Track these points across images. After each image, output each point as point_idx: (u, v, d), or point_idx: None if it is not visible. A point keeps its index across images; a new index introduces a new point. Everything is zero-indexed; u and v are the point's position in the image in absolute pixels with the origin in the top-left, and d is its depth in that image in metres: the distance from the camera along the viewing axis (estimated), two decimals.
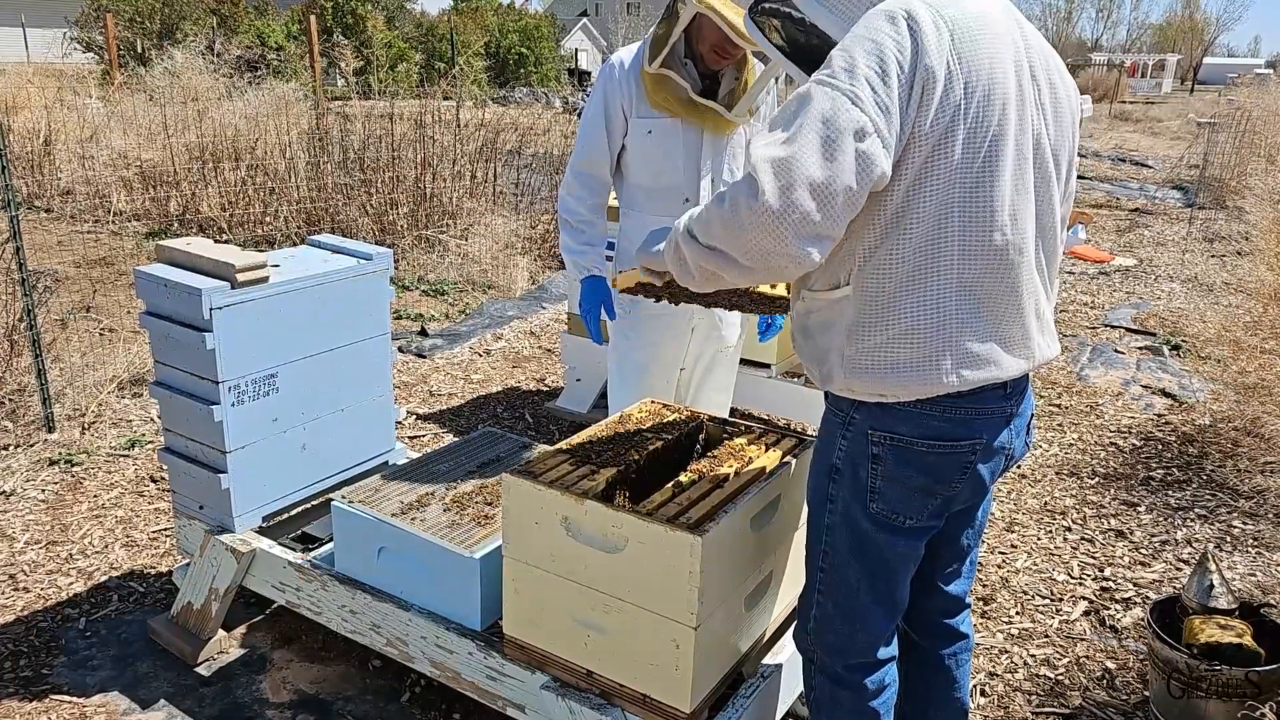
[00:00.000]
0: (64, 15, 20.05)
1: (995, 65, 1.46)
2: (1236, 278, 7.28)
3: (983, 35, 1.46)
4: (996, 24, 1.50)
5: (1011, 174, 1.49)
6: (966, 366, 1.51)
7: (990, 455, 1.62)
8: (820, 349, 1.63)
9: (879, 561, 1.67)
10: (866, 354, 1.54)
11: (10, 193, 3.91)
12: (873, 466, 1.59)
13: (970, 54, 1.44)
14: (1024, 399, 1.66)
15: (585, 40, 46.25)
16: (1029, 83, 1.52)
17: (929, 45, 1.41)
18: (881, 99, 1.38)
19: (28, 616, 2.86)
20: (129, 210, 8.23)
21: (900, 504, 1.60)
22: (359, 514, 2.33)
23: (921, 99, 1.41)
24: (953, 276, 1.48)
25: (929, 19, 1.42)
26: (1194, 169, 12.27)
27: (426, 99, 8.74)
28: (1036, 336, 1.59)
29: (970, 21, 1.46)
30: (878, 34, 1.41)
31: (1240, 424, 4.38)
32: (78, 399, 4.27)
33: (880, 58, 1.39)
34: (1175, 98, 34.52)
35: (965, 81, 1.43)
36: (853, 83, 1.38)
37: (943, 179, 1.45)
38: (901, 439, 1.56)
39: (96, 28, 17.67)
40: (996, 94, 1.46)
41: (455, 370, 5.16)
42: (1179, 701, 2.30)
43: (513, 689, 2.10)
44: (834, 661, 1.76)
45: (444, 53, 22.24)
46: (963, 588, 1.91)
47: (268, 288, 2.47)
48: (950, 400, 1.54)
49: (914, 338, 1.50)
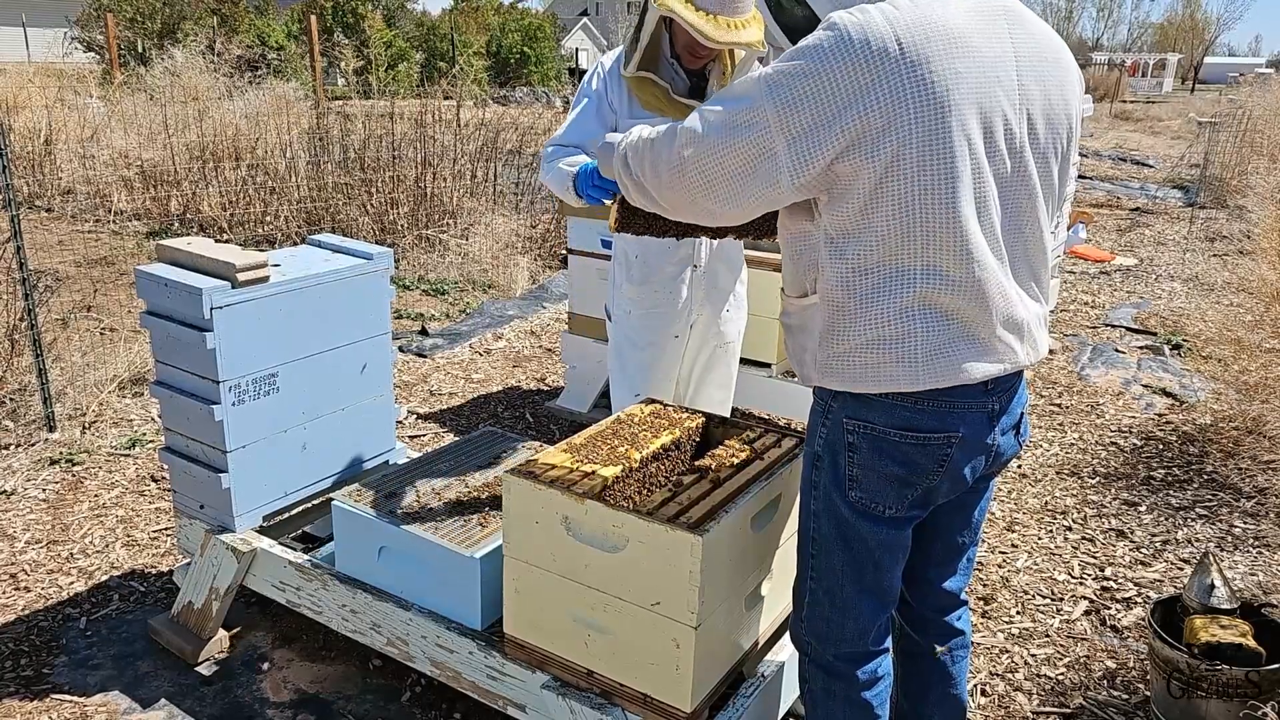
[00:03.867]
0: (65, 15, 20.07)
1: (959, 79, 1.42)
2: (1238, 277, 7.27)
3: (941, 45, 1.42)
4: (964, 30, 1.45)
5: (973, 188, 1.46)
6: (932, 375, 1.53)
7: (970, 450, 1.62)
8: (798, 347, 1.70)
9: (862, 549, 1.68)
10: (836, 358, 1.58)
11: (11, 192, 3.92)
12: (849, 454, 1.62)
13: (928, 69, 1.40)
14: (1012, 396, 1.65)
15: (585, 40, 46.23)
16: (1005, 90, 1.48)
17: (878, 72, 1.40)
18: (805, 143, 1.45)
19: (28, 616, 2.86)
20: (129, 210, 8.24)
21: (878, 493, 1.62)
22: (359, 513, 2.33)
23: (863, 133, 1.42)
24: (916, 291, 1.49)
25: (884, 33, 1.40)
26: (1195, 168, 12.27)
27: (427, 98, 8.73)
28: (1011, 341, 1.57)
29: (931, 31, 1.42)
30: (825, 62, 1.42)
31: (1241, 423, 4.38)
32: (78, 398, 4.27)
33: (818, 98, 1.43)
34: (1176, 97, 34.49)
35: (919, 100, 1.40)
36: (786, 112, 1.45)
37: (898, 199, 1.45)
38: (875, 428, 1.59)
39: (97, 27, 17.68)
40: (954, 110, 1.42)
41: (456, 370, 5.16)
42: (1179, 701, 2.30)
43: (513, 689, 2.10)
44: (825, 650, 1.78)
45: (444, 52, 22.23)
46: (959, 584, 1.91)
47: (268, 287, 2.47)
48: (924, 393, 1.56)
49: (881, 346, 1.53)
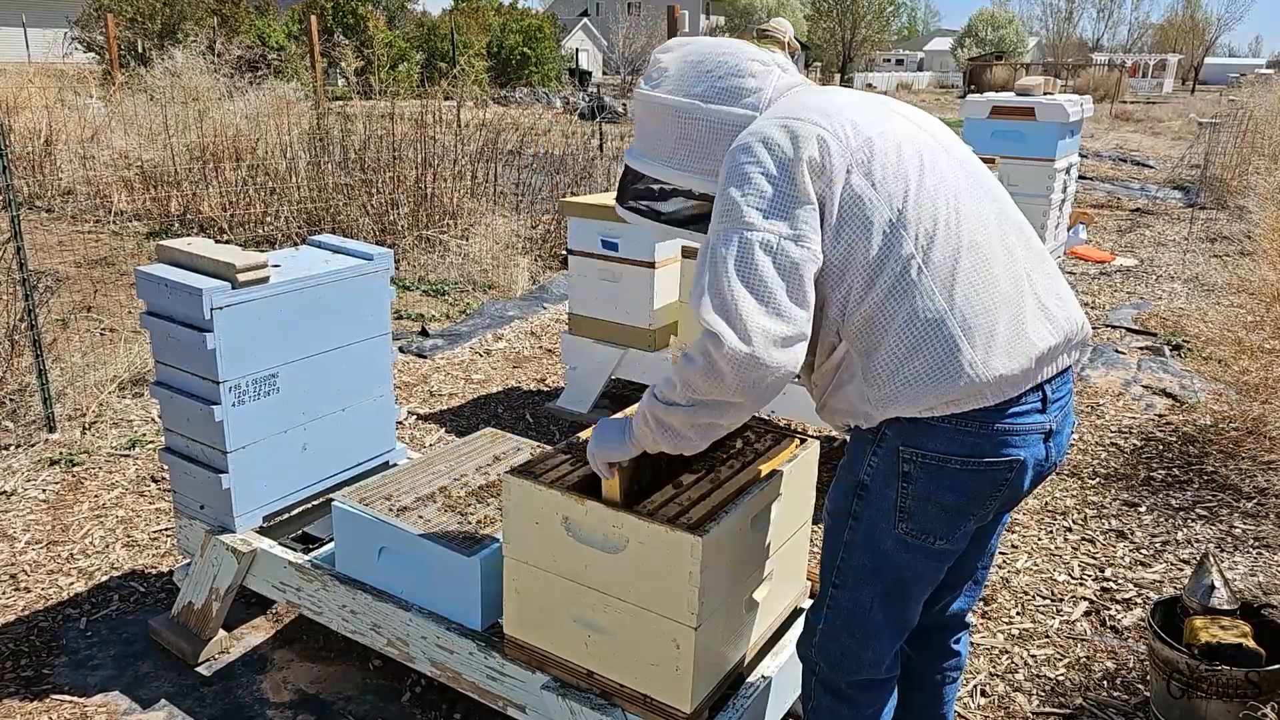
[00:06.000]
0: (65, 15, 20.08)
1: (860, 115, 1.57)
2: (1238, 277, 7.27)
3: (835, 101, 1.60)
4: (836, 95, 1.63)
5: (927, 178, 1.55)
6: (983, 354, 1.48)
7: (1025, 473, 1.58)
8: (850, 405, 1.63)
9: (896, 583, 1.65)
10: (885, 382, 1.53)
11: (11, 193, 3.92)
12: (902, 485, 1.57)
13: (831, 116, 1.55)
14: (1065, 416, 1.64)
15: (586, 40, 46.25)
16: (900, 113, 1.65)
17: (794, 139, 1.51)
18: (768, 210, 1.48)
19: (29, 616, 2.86)
20: (130, 210, 8.24)
21: (932, 524, 1.58)
22: (360, 514, 2.33)
23: (818, 176, 1.50)
24: (935, 288, 1.49)
25: (777, 126, 1.54)
26: (1195, 169, 12.26)
27: (427, 99, 8.73)
28: (1050, 305, 1.58)
29: (810, 100, 1.60)
30: (740, 167, 1.52)
31: (1242, 424, 4.38)
32: (78, 399, 4.27)
33: (751, 181, 1.50)
34: (1176, 98, 34.51)
35: (847, 142, 1.53)
36: (740, 213, 1.48)
37: (874, 230, 1.51)
38: (933, 455, 1.54)
39: (97, 28, 17.70)
40: (884, 133, 1.56)
41: (456, 370, 5.16)
42: (1179, 702, 2.30)
43: (513, 689, 2.10)
44: (837, 677, 1.76)
45: (445, 52, 22.24)
46: (965, 605, 1.91)
47: (268, 288, 2.47)
48: (986, 415, 1.51)
49: (920, 347, 1.49)
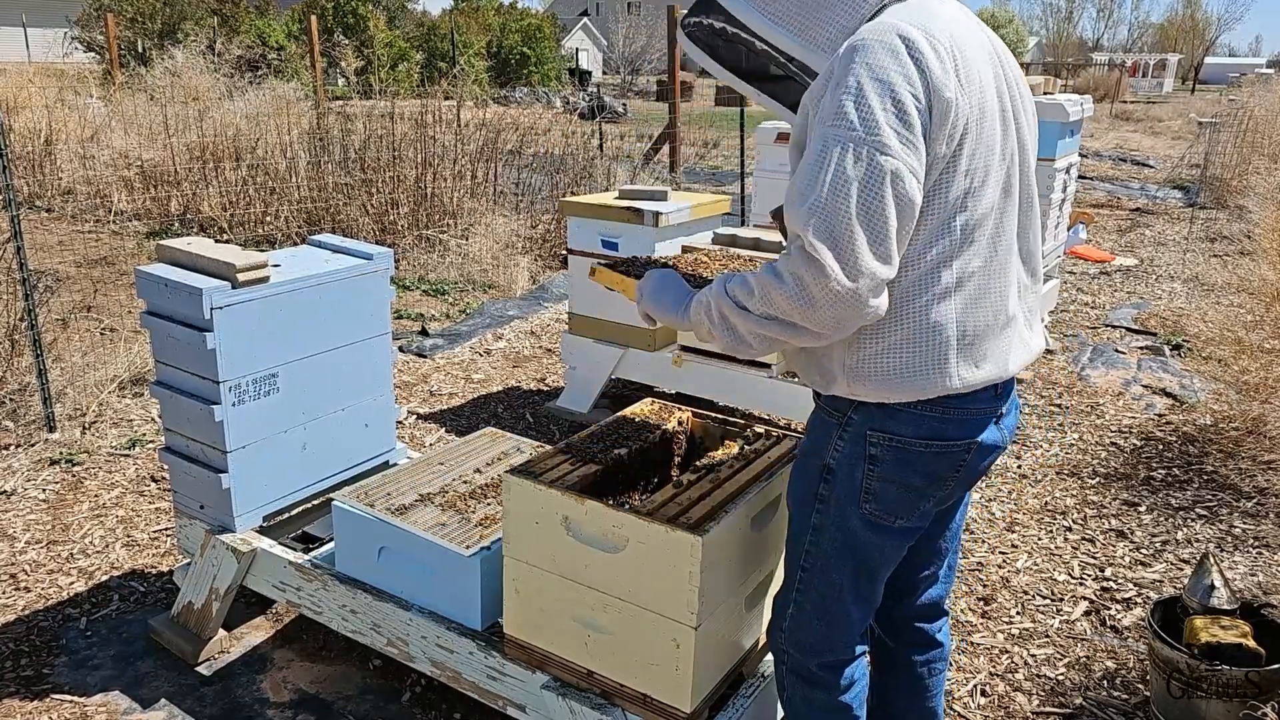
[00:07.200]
0: (65, 15, 20.08)
1: (984, 84, 1.49)
2: (1238, 277, 7.27)
3: (970, 53, 1.48)
4: (974, 37, 1.52)
5: (1000, 186, 1.53)
6: (967, 369, 1.54)
7: (982, 455, 1.65)
8: (820, 359, 1.63)
9: (864, 562, 1.68)
10: (867, 362, 1.55)
11: (11, 192, 3.92)
12: (869, 467, 1.60)
13: (966, 76, 1.46)
14: (1010, 399, 1.71)
15: (586, 40, 46.25)
16: (1007, 91, 1.56)
17: (935, 74, 1.41)
18: (905, 137, 1.39)
19: (29, 616, 2.86)
20: (130, 210, 8.24)
21: (894, 504, 1.62)
22: (360, 514, 2.33)
23: (937, 130, 1.42)
24: (949, 284, 1.50)
25: (927, 45, 1.42)
26: (1195, 168, 12.27)
27: (427, 99, 8.73)
28: (1026, 333, 1.65)
29: (958, 41, 1.47)
30: (884, 72, 1.40)
31: (1241, 424, 4.38)
32: (78, 399, 4.27)
33: (895, 98, 1.39)
34: (1176, 97, 34.48)
35: (968, 104, 1.45)
36: (876, 130, 1.37)
37: (944, 200, 1.47)
38: (900, 439, 1.58)
39: (97, 27, 17.69)
40: (989, 112, 1.50)
41: (456, 370, 5.16)
42: (1179, 702, 2.30)
43: (513, 689, 2.10)
44: (807, 660, 1.77)
45: (445, 52, 22.23)
46: (940, 593, 1.91)
47: (268, 287, 2.47)
48: (949, 401, 1.56)
49: (914, 344, 1.52)
